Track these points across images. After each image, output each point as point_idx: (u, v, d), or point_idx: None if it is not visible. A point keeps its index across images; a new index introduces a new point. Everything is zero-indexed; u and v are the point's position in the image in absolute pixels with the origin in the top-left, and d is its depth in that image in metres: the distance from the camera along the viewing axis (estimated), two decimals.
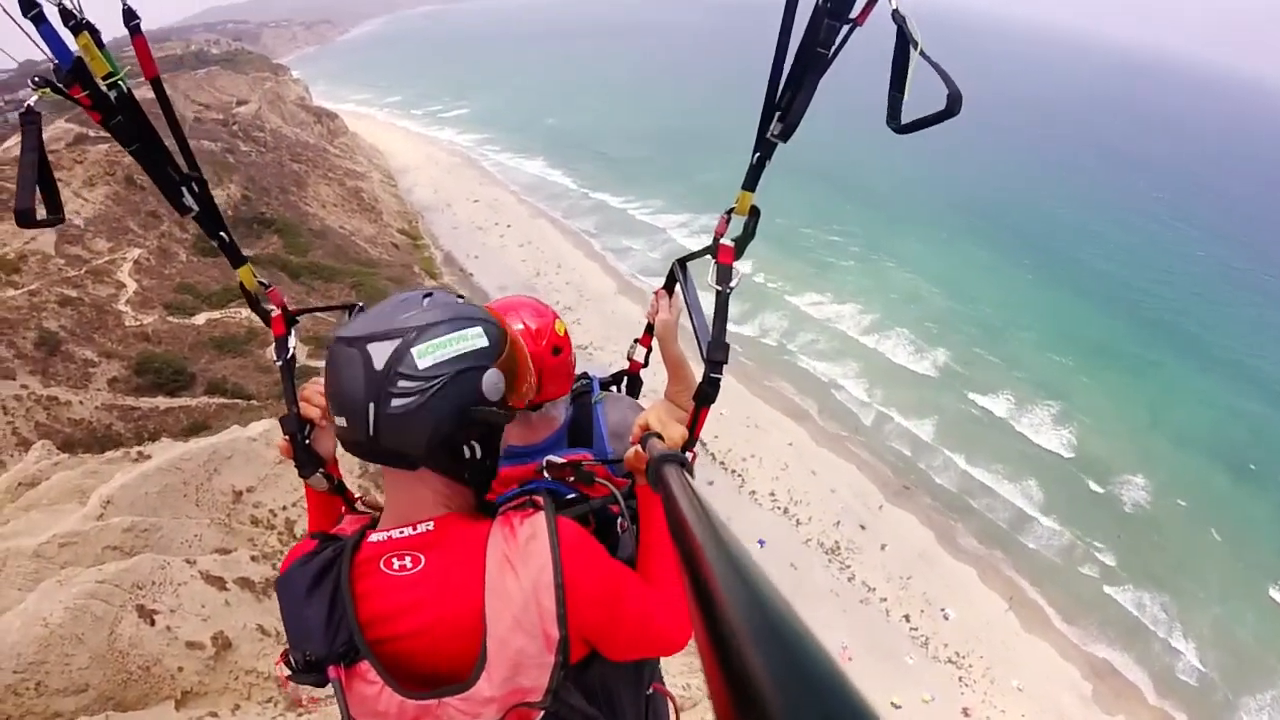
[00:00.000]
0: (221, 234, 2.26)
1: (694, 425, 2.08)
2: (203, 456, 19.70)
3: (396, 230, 64.21)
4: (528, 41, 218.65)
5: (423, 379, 1.59)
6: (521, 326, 2.39)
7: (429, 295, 1.73)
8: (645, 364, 3.17)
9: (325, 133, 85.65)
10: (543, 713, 1.66)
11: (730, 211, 2.15)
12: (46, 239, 40.01)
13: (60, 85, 1.75)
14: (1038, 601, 34.70)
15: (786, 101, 1.87)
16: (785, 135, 1.90)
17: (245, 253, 2.32)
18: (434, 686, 1.64)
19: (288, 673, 1.73)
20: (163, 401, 32.77)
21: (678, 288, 2.59)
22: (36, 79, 1.74)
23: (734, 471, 39.89)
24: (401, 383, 1.58)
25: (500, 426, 1.78)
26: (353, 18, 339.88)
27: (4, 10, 1.70)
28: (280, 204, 56.77)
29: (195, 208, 2.16)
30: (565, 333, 2.52)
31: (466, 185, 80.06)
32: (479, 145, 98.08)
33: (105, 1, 1.61)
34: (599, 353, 48.23)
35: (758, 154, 1.99)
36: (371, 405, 1.59)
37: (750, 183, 2.03)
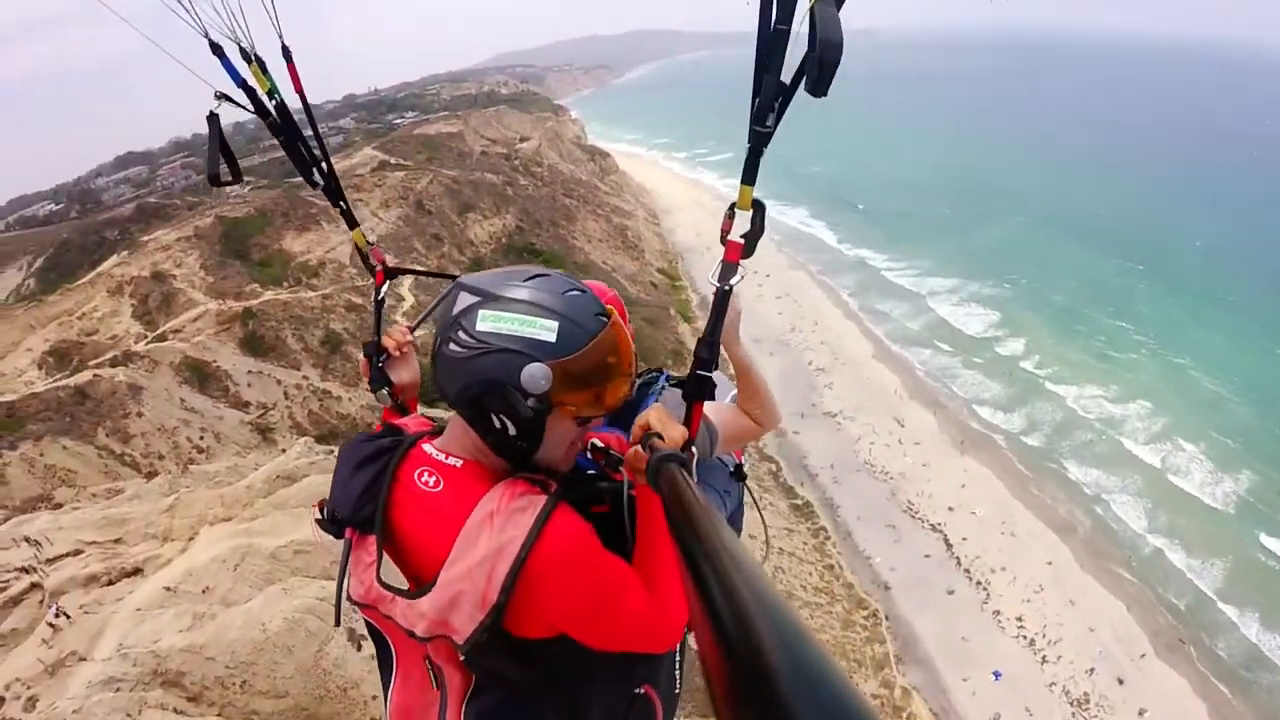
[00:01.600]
0: (341, 204, 2.86)
1: (690, 423, 2.10)
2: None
3: (656, 270, 64.31)
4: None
5: (473, 338, 1.73)
6: None
7: (543, 276, 1.84)
8: (716, 366, 2.60)
9: (597, 170, 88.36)
10: (464, 658, 1.76)
11: (733, 207, 2.02)
12: (344, 250, 43.37)
13: (233, 98, 2.52)
14: None
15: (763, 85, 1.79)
16: (757, 119, 1.79)
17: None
18: (408, 584, 1.85)
19: (318, 518, 2.01)
20: (421, 410, 33.93)
21: (735, 291, 2.30)
22: (218, 93, 2.48)
23: (979, 583, 34.81)
24: (460, 333, 1.75)
25: (532, 418, 1.78)
26: (628, 63, 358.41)
27: (209, 48, 2.49)
28: (550, 236, 58.60)
29: (322, 182, 2.76)
30: (623, 313, 2.39)
31: None
32: None
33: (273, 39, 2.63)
34: (849, 424, 44.58)
35: (749, 145, 1.87)
36: (439, 340, 1.80)
37: (748, 176, 1.91)
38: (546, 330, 1.73)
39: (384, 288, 2.94)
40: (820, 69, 1.59)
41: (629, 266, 61.69)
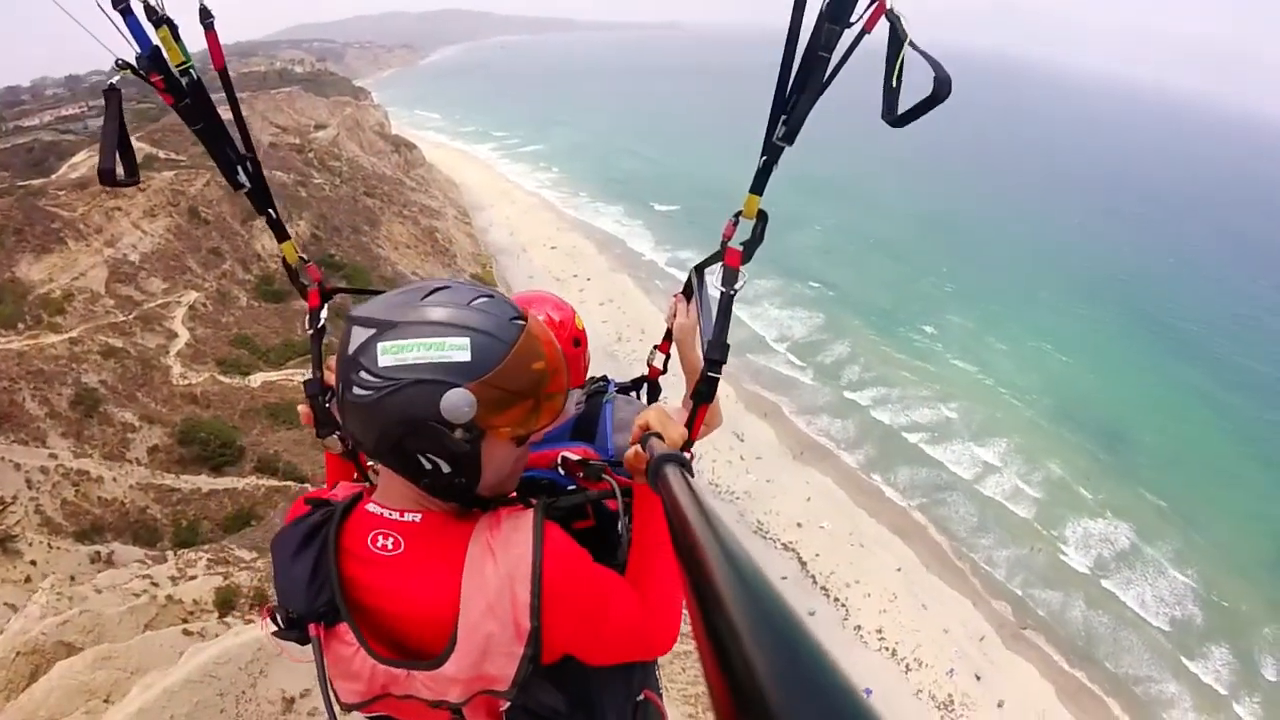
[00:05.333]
0: (269, 210, 2.43)
1: (692, 425, 2.14)
2: (245, 657, 14.95)
3: (469, 276, 59.91)
4: (605, 78, 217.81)
5: (379, 378, 1.51)
6: (544, 318, 2.40)
7: (444, 288, 1.62)
8: (664, 370, 3.20)
9: (402, 163, 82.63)
10: (508, 704, 1.66)
11: (738, 215, 2.13)
12: (98, 274, 36.70)
13: (139, 70, 2.00)
14: None
15: (792, 105, 1.90)
16: (789, 138, 1.93)
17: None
18: (407, 657, 1.66)
19: (273, 629, 1.73)
20: (205, 481, 29.51)
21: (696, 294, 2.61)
22: (119, 61, 1.97)
23: (837, 600, 35.28)
24: (362, 374, 1.53)
25: (462, 451, 1.59)
26: (433, 43, 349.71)
27: (97, 4, 1.92)
28: (351, 245, 53.20)
29: (248, 184, 2.31)
30: (583, 327, 2.65)
31: (543, 229, 76.35)
32: (556, 185, 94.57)
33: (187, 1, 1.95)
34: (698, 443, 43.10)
35: (764, 158, 2.00)
36: (341, 386, 1.58)
37: (757, 186, 2.03)
38: (458, 349, 1.52)
39: (322, 311, 2.46)
40: (926, 103, 1.66)
41: (441, 275, 57.01)
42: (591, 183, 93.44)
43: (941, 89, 1.64)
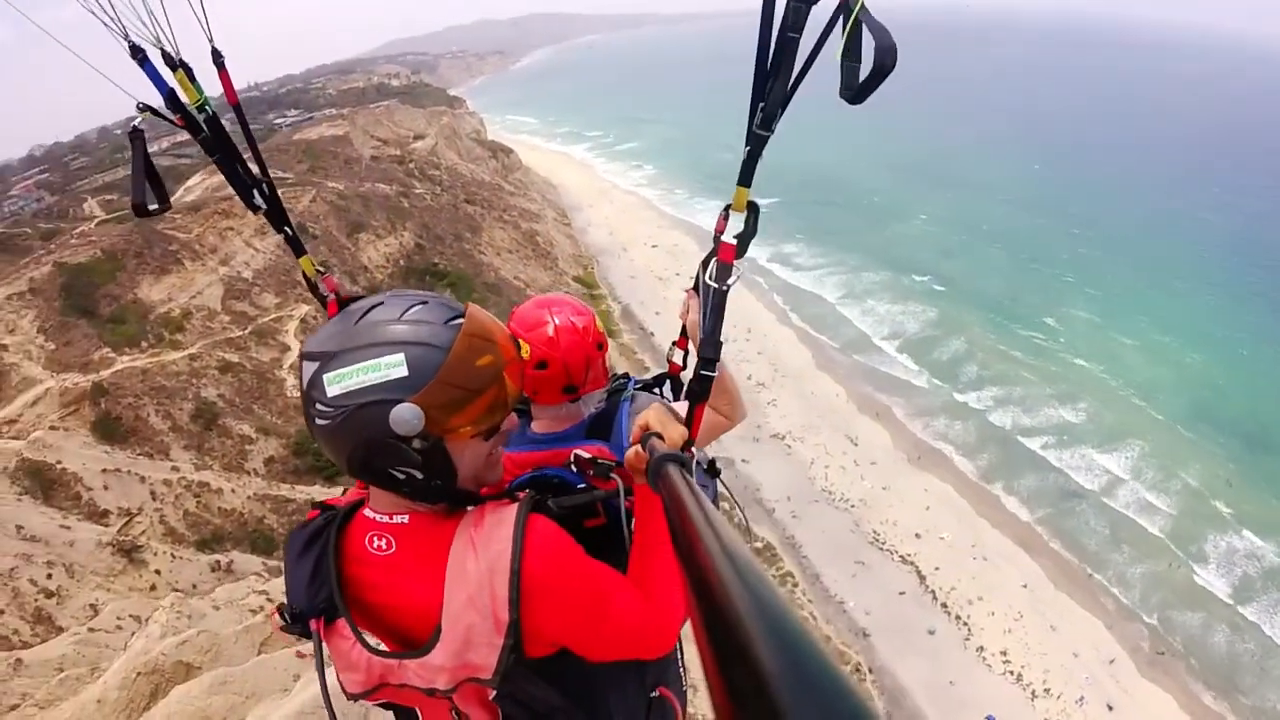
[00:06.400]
0: (286, 229, 2.49)
1: (691, 424, 2.12)
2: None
3: (572, 278, 59.71)
4: (693, 69, 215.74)
5: (331, 406, 1.58)
6: (565, 323, 2.50)
7: (377, 305, 1.69)
8: (684, 366, 3.14)
9: (500, 168, 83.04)
10: (495, 693, 1.71)
11: (728, 209, 2.03)
12: (213, 293, 37.42)
13: (160, 111, 2.15)
14: None
15: (768, 91, 1.84)
16: (764, 125, 1.85)
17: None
18: (404, 649, 1.75)
19: (281, 624, 1.83)
20: (319, 491, 30.04)
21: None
22: (141, 104, 2.14)
23: (958, 617, 32.82)
24: (317, 405, 1.60)
25: (429, 456, 1.66)
26: (523, 48, 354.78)
27: (125, 52, 2.09)
28: (454, 252, 53.25)
29: (264, 205, 2.39)
30: (603, 329, 2.65)
31: (644, 227, 75.44)
32: (653, 183, 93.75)
33: (202, 42, 2.27)
34: (799, 445, 41.43)
35: (748, 148, 1.93)
36: (306, 417, 1.66)
37: (744, 178, 1.95)
38: (393, 367, 1.58)
39: None
40: (873, 77, 1.59)
41: (543, 278, 56.80)
42: (688, 179, 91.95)
43: (885, 59, 1.54)
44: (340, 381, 1.56)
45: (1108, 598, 34.13)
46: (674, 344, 3.12)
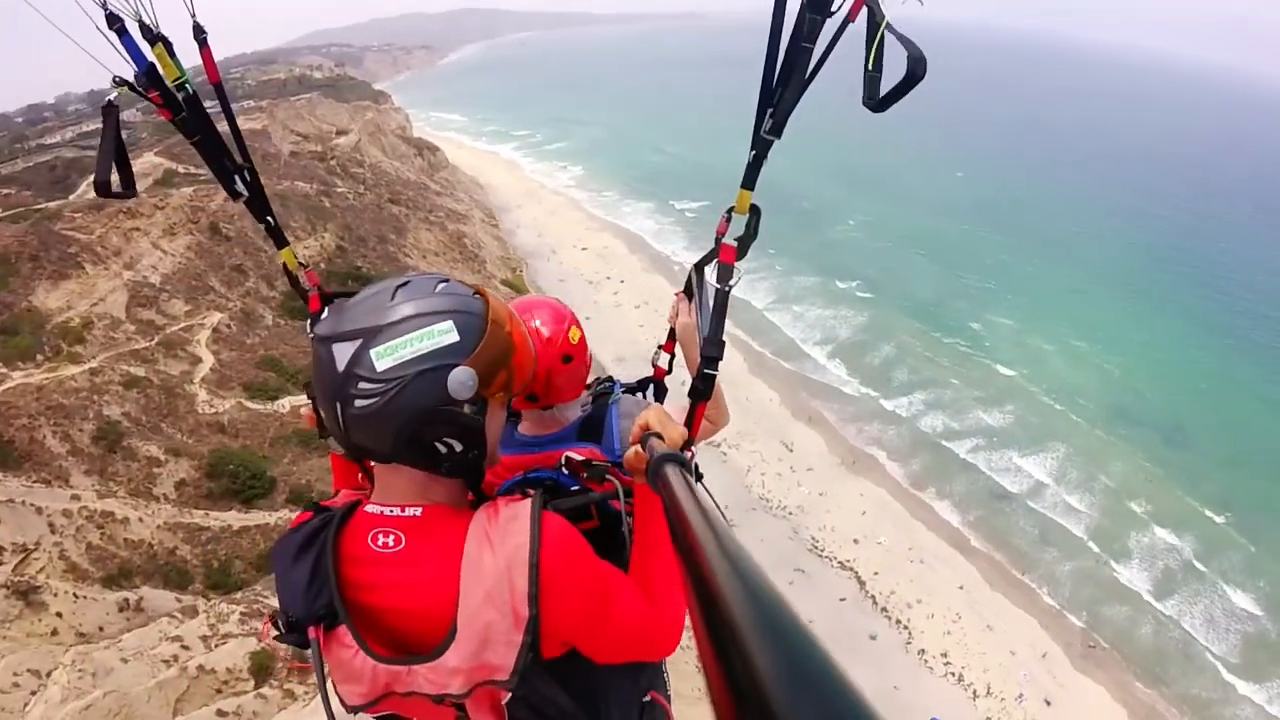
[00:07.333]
0: (269, 219, 2.47)
1: (692, 423, 2.16)
2: None
3: (500, 281, 58.02)
4: (626, 71, 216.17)
5: (382, 381, 1.57)
6: (530, 330, 2.35)
7: (405, 284, 1.70)
8: (669, 370, 3.16)
9: (426, 166, 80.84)
10: (510, 695, 1.66)
11: (730, 210, 2.15)
12: (117, 300, 35.11)
13: (136, 86, 2.06)
14: None
15: (777, 98, 1.91)
16: (774, 130, 1.93)
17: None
18: (407, 654, 1.68)
19: (275, 634, 1.76)
20: (235, 517, 28.05)
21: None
22: (117, 78, 2.03)
23: (899, 621, 33.32)
24: (361, 384, 1.58)
25: (476, 424, 1.70)
26: (452, 43, 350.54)
27: (93, 23, 1.97)
28: (378, 255, 51.34)
29: (245, 193, 2.34)
30: (580, 339, 2.63)
31: (572, 229, 74.35)
32: (581, 184, 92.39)
33: (183, 17, 2.14)
34: (735, 453, 41.36)
35: (754, 152, 2.01)
36: (338, 405, 1.61)
37: (748, 181, 2.03)
38: (446, 333, 1.61)
39: (323, 315, 2.32)
40: (903, 85, 1.64)
41: (470, 281, 55.08)
42: (617, 180, 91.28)
43: (917, 68, 1.62)
44: (393, 353, 1.56)
45: (1040, 596, 35.18)
46: (660, 348, 3.16)
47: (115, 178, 2.10)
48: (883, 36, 1.66)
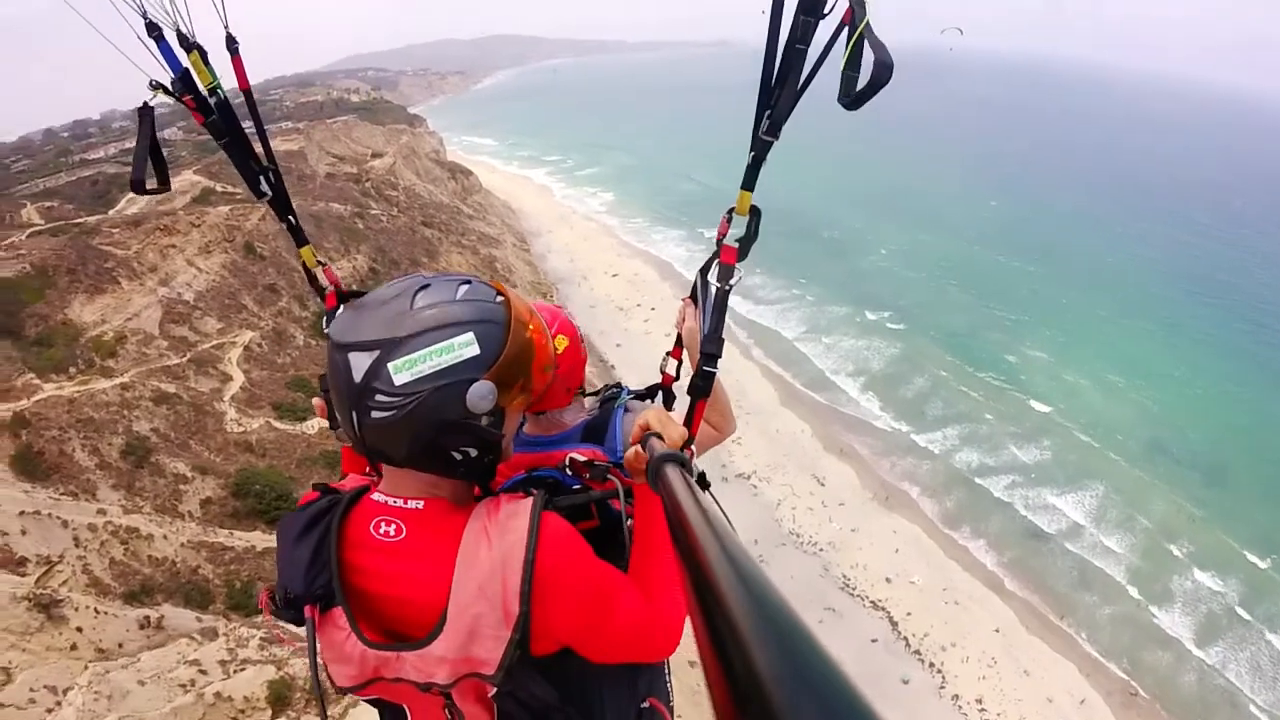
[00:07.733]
0: (290, 218, 2.55)
1: (692, 422, 2.17)
2: None
3: None
4: (656, 98, 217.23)
5: (400, 395, 1.57)
6: None
7: (425, 287, 1.68)
8: (677, 377, 3.11)
9: (459, 190, 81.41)
10: (496, 690, 1.65)
11: (731, 212, 2.14)
12: (151, 316, 35.26)
13: (173, 91, 2.17)
14: None
15: (775, 99, 1.93)
16: (771, 131, 1.94)
17: None
18: (399, 642, 1.69)
19: (272, 609, 1.77)
20: (259, 538, 27.54)
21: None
22: (153, 82, 2.13)
23: (932, 665, 32.06)
24: (379, 397, 1.58)
25: (493, 436, 1.71)
26: (485, 69, 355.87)
27: (133, 29, 2.07)
28: None
29: (269, 193, 2.41)
30: (566, 348, 2.62)
31: (603, 255, 74.28)
32: (613, 210, 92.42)
33: (218, 31, 2.28)
34: (765, 486, 40.58)
35: (753, 153, 2.01)
36: (354, 413, 1.62)
37: (748, 182, 2.03)
38: (466, 346, 1.60)
39: (338, 312, 2.22)
40: (870, 87, 1.67)
41: None
42: (650, 208, 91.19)
43: (882, 74, 1.65)
44: (412, 367, 1.55)
45: (1078, 642, 33.82)
46: (668, 354, 3.13)
47: (153, 181, 2.24)
48: (860, 38, 1.69)
